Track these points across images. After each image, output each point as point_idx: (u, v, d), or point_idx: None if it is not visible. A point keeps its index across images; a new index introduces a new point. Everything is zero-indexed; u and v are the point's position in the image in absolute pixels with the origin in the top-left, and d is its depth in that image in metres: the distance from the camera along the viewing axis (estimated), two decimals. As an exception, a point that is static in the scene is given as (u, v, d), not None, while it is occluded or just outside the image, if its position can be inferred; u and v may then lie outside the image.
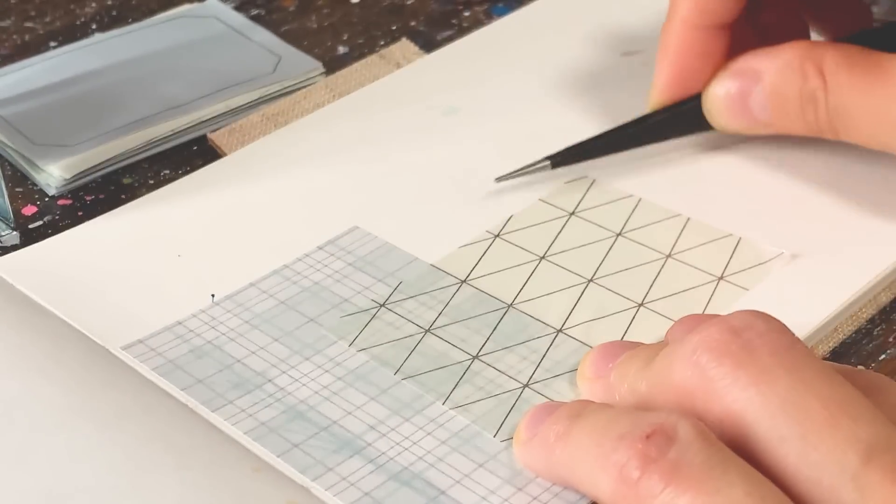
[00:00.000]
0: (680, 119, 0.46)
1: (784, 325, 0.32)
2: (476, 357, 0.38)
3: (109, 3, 0.58)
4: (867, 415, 0.29)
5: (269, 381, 0.38)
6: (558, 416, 0.33)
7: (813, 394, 0.30)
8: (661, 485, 0.29)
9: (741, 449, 0.30)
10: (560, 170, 0.46)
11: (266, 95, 0.51)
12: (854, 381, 0.31)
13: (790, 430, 0.29)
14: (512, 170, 0.45)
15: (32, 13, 0.57)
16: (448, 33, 0.56)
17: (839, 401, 0.30)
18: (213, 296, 0.41)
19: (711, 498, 0.28)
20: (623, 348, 0.36)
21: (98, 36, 0.55)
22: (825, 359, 0.39)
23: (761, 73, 0.43)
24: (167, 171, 0.48)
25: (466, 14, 0.57)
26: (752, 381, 0.30)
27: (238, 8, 0.57)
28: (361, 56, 0.54)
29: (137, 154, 0.48)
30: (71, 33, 0.56)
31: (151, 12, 0.57)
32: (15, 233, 0.45)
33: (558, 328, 0.39)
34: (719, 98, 0.44)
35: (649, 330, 0.39)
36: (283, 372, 0.38)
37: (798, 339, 0.32)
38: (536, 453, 0.34)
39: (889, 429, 0.29)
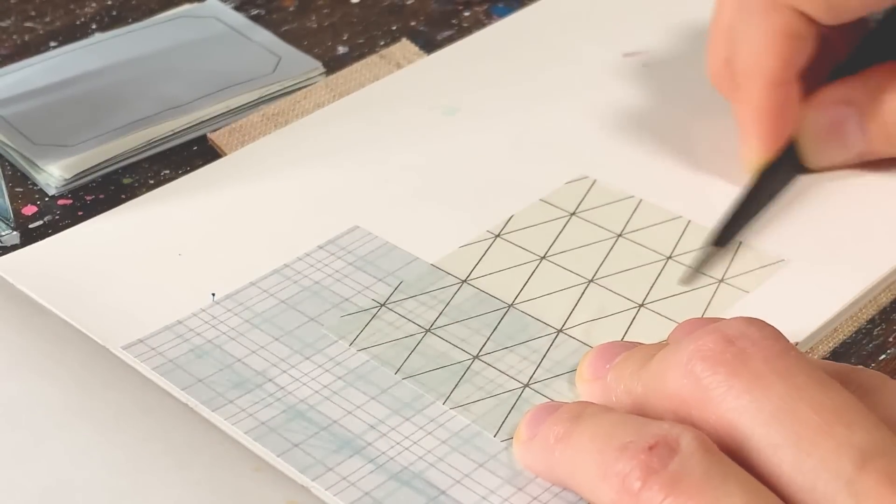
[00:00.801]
0: (782, 169, 0.45)
1: (778, 331, 0.32)
2: (476, 357, 0.38)
3: (109, 3, 0.58)
4: (861, 420, 0.29)
5: (270, 380, 0.38)
6: (558, 417, 0.33)
7: (806, 400, 0.30)
8: (661, 495, 0.29)
9: (737, 457, 0.30)
10: (561, 170, 0.46)
11: (266, 95, 0.51)
12: (850, 380, 0.31)
13: (784, 437, 0.29)
14: (689, 268, 0.42)
15: (32, 13, 0.57)
16: (448, 33, 0.56)
17: (832, 407, 0.30)
18: (213, 295, 0.41)
19: None
20: (621, 349, 0.36)
21: (98, 36, 0.55)
22: (825, 359, 0.39)
23: (852, 100, 0.43)
24: (167, 171, 0.48)
25: (466, 14, 0.57)
26: (745, 389, 0.30)
27: (238, 8, 0.57)
28: (361, 56, 0.54)
29: (137, 154, 0.48)
30: (71, 33, 0.56)
31: (151, 12, 0.57)
32: (15, 233, 0.45)
33: (559, 328, 0.39)
34: (813, 136, 0.44)
35: (649, 331, 0.39)
36: (284, 371, 0.38)
37: (792, 346, 0.32)
38: (536, 454, 0.34)
39: (883, 433, 0.29)
